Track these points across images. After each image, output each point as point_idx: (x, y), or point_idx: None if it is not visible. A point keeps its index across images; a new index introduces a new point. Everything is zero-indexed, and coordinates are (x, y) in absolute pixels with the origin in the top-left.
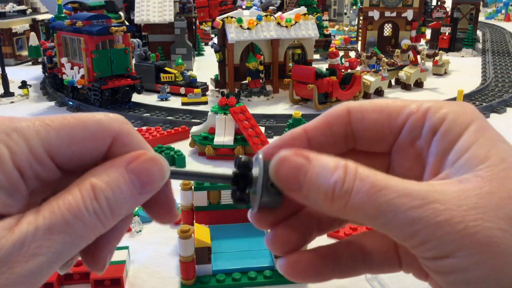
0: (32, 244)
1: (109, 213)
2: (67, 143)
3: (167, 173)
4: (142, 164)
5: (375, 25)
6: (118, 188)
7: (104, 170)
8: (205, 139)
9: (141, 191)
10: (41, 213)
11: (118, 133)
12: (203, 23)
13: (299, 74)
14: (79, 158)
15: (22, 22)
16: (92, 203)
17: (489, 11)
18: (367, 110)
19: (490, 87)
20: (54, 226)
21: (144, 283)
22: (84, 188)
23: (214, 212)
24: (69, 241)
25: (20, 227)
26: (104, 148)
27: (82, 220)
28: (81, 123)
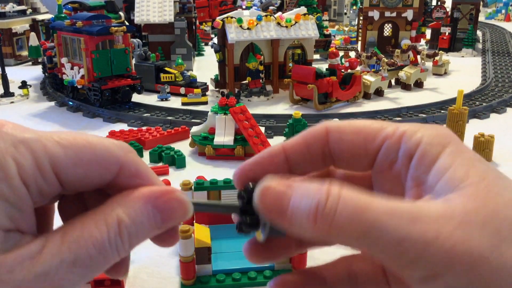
0: (56, 276)
1: (128, 247)
2: (73, 163)
3: (191, 214)
4: (169, 202)
5: (375, 25)
6: (141, 224)
7: (130, 201)
8: (205, 139)
9: (160, 227)
10: (66, 243)
11: (125, 162)
12: (203, 23)
13: (299, 74)
14: (83, 181)
15: (22, 22)
16: (115, 239)
17: (489, 11)
18: (344, 132)
19: (490, 87)
20: (78, 260)
21: (144, 283)
22: (111, 222)
23: None
24: (87, 274)
25: (45, 258)
26: (110, 176)
27: (104, 255)
28: (91, 146)
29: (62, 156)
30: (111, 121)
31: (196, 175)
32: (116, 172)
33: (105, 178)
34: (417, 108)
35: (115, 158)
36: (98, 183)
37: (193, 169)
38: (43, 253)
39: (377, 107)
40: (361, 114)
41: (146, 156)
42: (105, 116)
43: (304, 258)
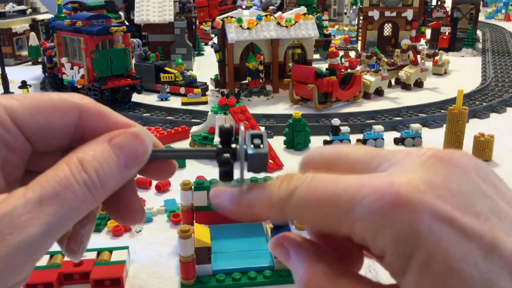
0: (22, 216)
1: (98, 185)
2: (30, 112)
3: (149, 146)
4: (124, 138)
5: (375, 25)
6: (104, 161)
7: (89, 146)
8: (205, 139)
9: (126, 165)
10: (30, 188)
11: (83, 105)
12: (203, 23)
13: (299, 74)
14: (46, 129)
15: (22, 22)
16: (81, 175)
17: (489, 11)
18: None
19: (490, 87)
20: (44, 198)
21: (144, 283)
22: (72, 162)
23: (214, 212)
24: (61, 213)
25: (8, 201)
26: (71, 120)
27: (73, 191)
28: (44, 96)
29: (17, 106)
30: None
31: (196, 175)
32: (77, 115)
33: (68, 123)
34: (417, 108)
35: (72, 102)
36: (64, 131)
37: (193, 169)
38: (7, 199)
39: (377, 107)
40: (361, 114)
41: None
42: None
43: None
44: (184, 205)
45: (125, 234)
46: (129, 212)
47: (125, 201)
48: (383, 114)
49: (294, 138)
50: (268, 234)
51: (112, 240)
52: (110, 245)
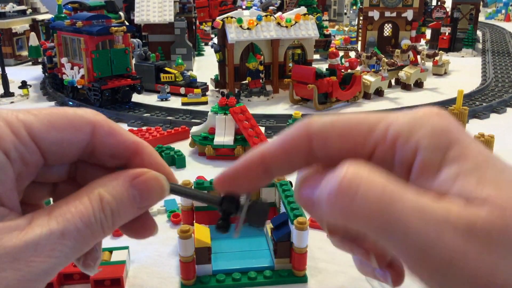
0: (46, 246)
1: (111, 224)
2: (46, 127)
3: (167, 192)
4: (146, 181)
5: (375, 25)
6: (122, 202)
7: (110, 181)
8: (205, 139)
9: (140, 206)
10: (53, 217)
11: (96, 123)
12: (203, 23)
13: (299, 74)
14: (60, 145)
15: (22, 22)
16: (99, 214)
17: (489, 11)
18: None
19: (490, 87)
20: (66, 232)
21: (144, 283)
22: (94, 198)
23: (214, 212)
24: (77, 247)
25: (33, 228)
26: (84, 136)
27: (91, 229)
28: (60, 111)
29: (34, 122)
30: None
31: (196, 175)
32: (90, 131)
33: (81, 139)
34: (417, 108)
35: (86, 118)
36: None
37: (193, 169)
38: (32, 225)
39: (377, 107)
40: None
41: None
42: (105, 116)
43: (304, 258)
44: (184, 205)
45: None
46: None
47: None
48: None
49: None
50: (268, 234)
51: (112, 240)
52: (110, 245)
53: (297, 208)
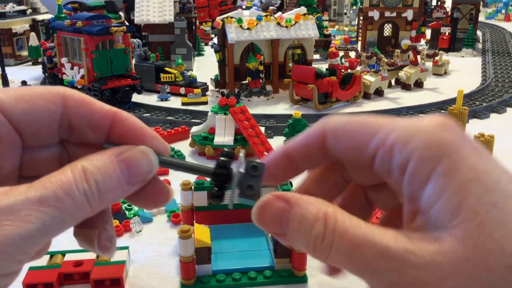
0: (21, 211)
1: (97, 196)
2: (15, 100)
3: (156, 166)
4: (132, 155)
5: (375, 25)
6: (107, 174)
7: (96, 156)
8: (205, 139)
9: (129, 181)
10: (33, 186)
11: (65, 93)
12: (203, 23)
13: (299, 74)
14: (31, 115)
15: (22, 22)
16: (82, 183)
17: (489, 11)
18: (340, 137)
19: (490, 87)
20: (44, 199)
21: (144, 283)
22: (76, 169)
23: (214, 212)
24: (58, 216)
25: (9, 195)
26: (55, 107)
27: (72, 198)
28: (29, 88)
29: (2, 96)
30: None
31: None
32: (60, 102)
33: (52, 110)
34: (417, 108)
35: (55, 90)
36: (49, 118)
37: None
38: (8, 193)
39: (377, 107)
40: (361, 114)
41: None
42: None
43: (304, 258)
44: (184, 205)
45: (125, 234)
46: (154, 195)
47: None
48: (383, 114)
49: None
50: (268, 234)
51: None
52: None
53: None
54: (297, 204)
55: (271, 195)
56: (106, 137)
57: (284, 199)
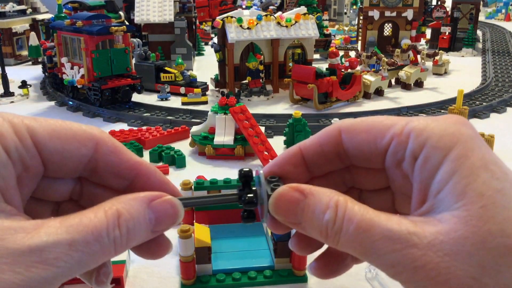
0: (51, 254)
1: (125, 242)
2: (50, 135)
3: (181, 218)
4: (163, 205)
5: (375, 25)
6: (138, 222)
7: (129, 200)
8: (205, 139)
9: (154, 229)
10: (64, 227)
11: (100, 139)
12: (203, 23)
13: (299, 74)
14: (61, 155)
15: (22, 22)
16: (114, 231)
17: (489, 10)
18: (355, 130)
19: (490, 86)
20: (74, 243)
21: (144, 283)
22: (111, 213)
23: (214, 212)
24: (84, 260)
25: (40, 234)
26: (87, 151)
27: (101, 244)
28: (66, 123)
29: (38, 128)
30: (111, 121)
31: (196, 175)
32: (93, 147)
33: (83, 153)
34: (417, 107)
35: (90, 133)
36: (78, 159)
37: (193, 169)
38: (39, 230)
39: (377, 106)
40: (361, 114)
41: (146, 156)
42: (105, 115)
43: (304, 258)
44: None
45: None
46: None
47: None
48: (383, 114)
49: (294, 138)
50: (268, 234)
51: None
52: None
53: None
54: (311, 194)
55: (287, 186)
56: (128, 186)
57: (298, 190)
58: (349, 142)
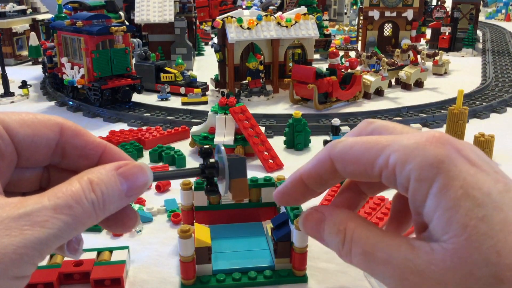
0: (38, 217)
1: (102, 206)
2: (19, 123)
3: (150, 179)
4: (130, 169)
5: (375, 25)
6: (110, 186)
7: (98, 169)
8: (205, 139)
9: (128, 193)
10: (45, 196)
11: (64, 124)
12: (203, 23)
13: (299, 74)
14: (32, 140)
15: (22, 22)
16: (90, 194)
17: (489, 11)
18: (346, 161)
19: (490, 87)
20: (58, 207)
21: (144, 283)
22: (83, 181)
23: (214, 212)
24: (71, 223)
25: (25, 203)
26: (54, 135)
27: (82, 207)
28: (32, 114)
29: (8, 119)
30: (111, 121)
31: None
32: (59, 131)
33: (51, 137)
34: (417, 108)
35: (55, 120)
36: (47, 144)
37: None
38: (23, 202)
39: (377, 107)
40: (361, 114)
41: (146, 155)
42: (105, 115)
43: (304, 258)
44: (184, 205)
45: (125, 234)
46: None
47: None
48: (383, 114)
49: (294, 138)
50: (268, 234)
51: (112, 240)
52: (110, 245)
53: (297, 208)
54: (330, 215)
55: (311, 209)
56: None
57: (320, 211)
58: (343, 171)
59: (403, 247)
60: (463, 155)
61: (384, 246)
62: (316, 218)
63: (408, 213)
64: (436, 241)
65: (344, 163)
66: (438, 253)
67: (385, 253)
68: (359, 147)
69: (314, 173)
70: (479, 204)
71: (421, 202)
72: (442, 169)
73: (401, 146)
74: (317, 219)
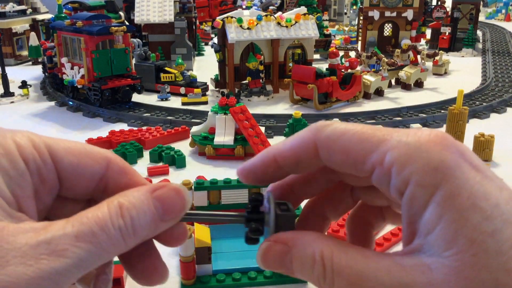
0: (58, 246)
1: (131, 232)
2: (65, 151)
3: (188, 204)
4: (167, 192)
5: (375, 25)
6: (142, 210)
7: (131, 193)
8: (205, 139)
9: (163, 218)
10: (70, 222)
11: (111, 158)
12: (203, 23)
13: (299, 74)
14: (76, 170)
15: (22, 22)
16: (118, 220)
17: (489, 11)
18: (332, 150)
19: (490, 87)
20: (81, 234)
21: None
22: (112, 205)
23: None
24: (93, 251)
25: (48, 229)
26: (100, 169)
27: (107, 233)
28: (79, 143)
29: (54, 145)
30: (111, 121)
31: (196, 175)
32: (105, 165)
33: (96, 171)
34: (417, 108)
35: (103, 153)
36: (91, 176)
37: (193, 169)
38: (47, 229)
39: (377, 107)
40: (361, 114)
41: (146, 156)
42: (105, 116)
43: None
44: None
45: None
46: (152, 271)
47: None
48: (383, 114)
49: None
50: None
51: None
52: None
53: (297, 208)
54: (295, 246)
55: (268, 240)
56: None
57: (281, 242)
58: (327, 160)
59: (392, 269)
60: (467, 159)
61: (371, 273)
62: (278, 251)
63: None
64: (433, 256)
65: (330, 151)
66: (438, 272)
67: (374, 282)
68: (351, 137)
69: (292, 155)
70: (488, 217)
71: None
72: (448, 175)
73: (400, 143)
74: (279, 252)
